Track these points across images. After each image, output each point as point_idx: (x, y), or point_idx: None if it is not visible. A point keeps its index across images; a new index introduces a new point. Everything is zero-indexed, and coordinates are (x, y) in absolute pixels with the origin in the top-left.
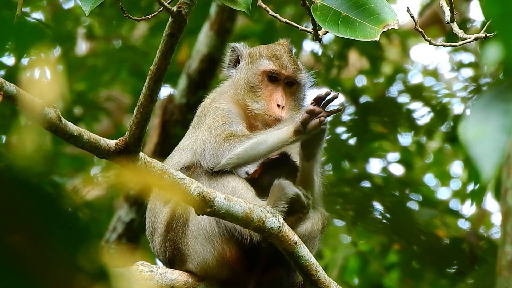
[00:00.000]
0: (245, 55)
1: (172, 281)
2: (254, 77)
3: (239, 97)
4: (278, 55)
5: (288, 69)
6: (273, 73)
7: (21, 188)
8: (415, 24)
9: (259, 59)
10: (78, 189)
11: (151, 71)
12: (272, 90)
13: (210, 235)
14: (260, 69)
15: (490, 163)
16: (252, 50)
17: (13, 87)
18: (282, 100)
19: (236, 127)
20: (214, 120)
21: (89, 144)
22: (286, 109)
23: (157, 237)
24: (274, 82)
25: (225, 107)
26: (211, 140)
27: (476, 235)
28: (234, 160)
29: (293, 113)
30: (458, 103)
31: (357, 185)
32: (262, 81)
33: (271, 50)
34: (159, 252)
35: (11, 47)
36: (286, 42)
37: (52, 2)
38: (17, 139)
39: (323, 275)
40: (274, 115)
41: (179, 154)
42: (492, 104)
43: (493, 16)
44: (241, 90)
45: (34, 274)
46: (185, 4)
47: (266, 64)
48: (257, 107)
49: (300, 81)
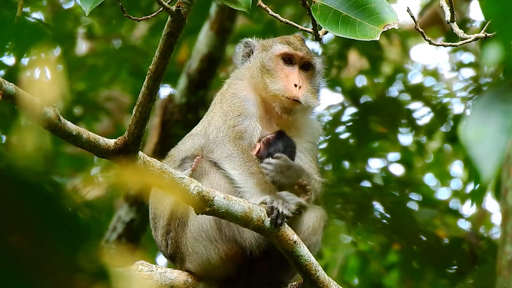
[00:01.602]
0: (258, 47)
1: (172, 280)
2: (270, 60)
3: (257, 80)
4: (291, 41)
5: (302, 51)
6: (287, 55)
7: (21, 188)
8: (415, 24)
9: (273, 45)
10: (78, 189)
11: (150, 70)
12: (288, 73)
13: (211, 235)
14: (274, 53)
15: (490, 163)
16: (264, 41)
17: (12, 86)
18: (299, 80)
19: (249, 122)
20: (230, 108)
21: (88, 143)
22: (303, 90)
23: (159, 227)
24: (290, 65)
25: (242, 94)
26: (224, 130)
27: (476, 235)
28: (221, 164)
29: (310, 97)
30: (458, 103)
31: (357, 185)
32: (277, 64)
33: (284, 37)
34: (161, 244)
35: (11, 47)
36: (299, 34)
37: (52, 2)
38: (17, 139)
39: (323, 274)
40: (291, 95)
41: (192, 140)
42: (492, 104)
43: (493, 16)
44: (258, 73)
45: (34, 274)
46: (184, 3)
47: (280, 47)
48: (276, 88)
49: (315, 65)
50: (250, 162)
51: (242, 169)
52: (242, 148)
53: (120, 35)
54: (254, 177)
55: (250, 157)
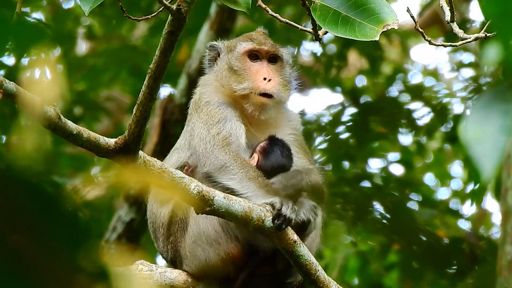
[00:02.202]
0: (223, 48)
1: (172, 280)
2: (236, 60)
3: (223, 83)
4: (254, 37)
5: (267, 45)
6: (253, 51)
7: (21, 188)
8: (415, 24)
9: (237, 44)
10: (78, 189)
11: (150, 69)
12: (257, 69)
13: (212, 238)
14: (240, 51)
15: (490, 163)
16: (229, 41)
17: (12, 85)
18: (268, 73)
19: (230, 123)
20: (208, 116)
21: (88, 142)
22: (273, 82)
23: (159, 236)
24: (256, 61)
25: (214, 99)
26: (210, 140)
27: (476, 235)
28: (216, 178)
29: (281, 90)
30: (458, 103)
31: (357, 185)
32: (244, 62)
33: (246, 35)
34: (163, 251)
35: (11, 47)
36: (260, 29)
37: (52, 2)
38: (17, 139)
39: (323, 274)
40: (262, 89)
41: (177, 153)
42: (492, 104)
43: (492, 16)
44: (224, 76)
45: (34, 274)
46: (184, 2)
47: (244, 45)
48: (243, 87)
49: (282, 55)
50: (245, 168)
51: (239, 176)
52: (234, 155)
53: (120, 35)
54: (254, 181)
55: (244, 163)
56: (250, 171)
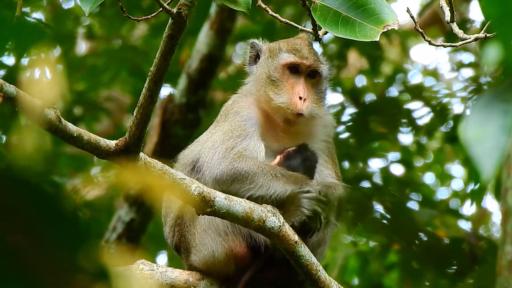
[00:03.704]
0: (264, 50)
1: (173, 279)
2: (275, 71)
3: (261, 93)
4: (298, 48)
5: (309, 60)
6: (293, 64)
7: (21, 188)
8: (415, 24)
9: (279, 53)
10: (78, 189)
11: (151, 72)
12: (294, 83)
13: (221, 229)
14: (280, 62)
15: (490, 163)
16: (272, 44)
17: (13, 89)
18: (304, 92)
19: (249, 141)
20: (231, 127)
21: (89, 144)
22: (308, 102)
23: (168, 220)
24: (295, 74)
25: (244, 112)
26: (219, 152)
27: (476, 235)
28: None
29: (315, 108)
30: (458, 103)
31: (357, 185)
32: (283, 74)
33: (290, 43)
34: (168, 236)
35: (11, 47)
36: (306, 36)
37: (52, 2)
38: (17, 139)
39: (324, 274)
40: (296, 109)
41: (194, 146)
42: (492, 104)
43: (492, 16)
44: (262, 86)
45: (34, 274)
46: (185, 5)
47: (286, 57)
48: (281, 101)
49: (321, 72)
50: (269, 171)
51: (259, 176)
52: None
53: (120, 35)
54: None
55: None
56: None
